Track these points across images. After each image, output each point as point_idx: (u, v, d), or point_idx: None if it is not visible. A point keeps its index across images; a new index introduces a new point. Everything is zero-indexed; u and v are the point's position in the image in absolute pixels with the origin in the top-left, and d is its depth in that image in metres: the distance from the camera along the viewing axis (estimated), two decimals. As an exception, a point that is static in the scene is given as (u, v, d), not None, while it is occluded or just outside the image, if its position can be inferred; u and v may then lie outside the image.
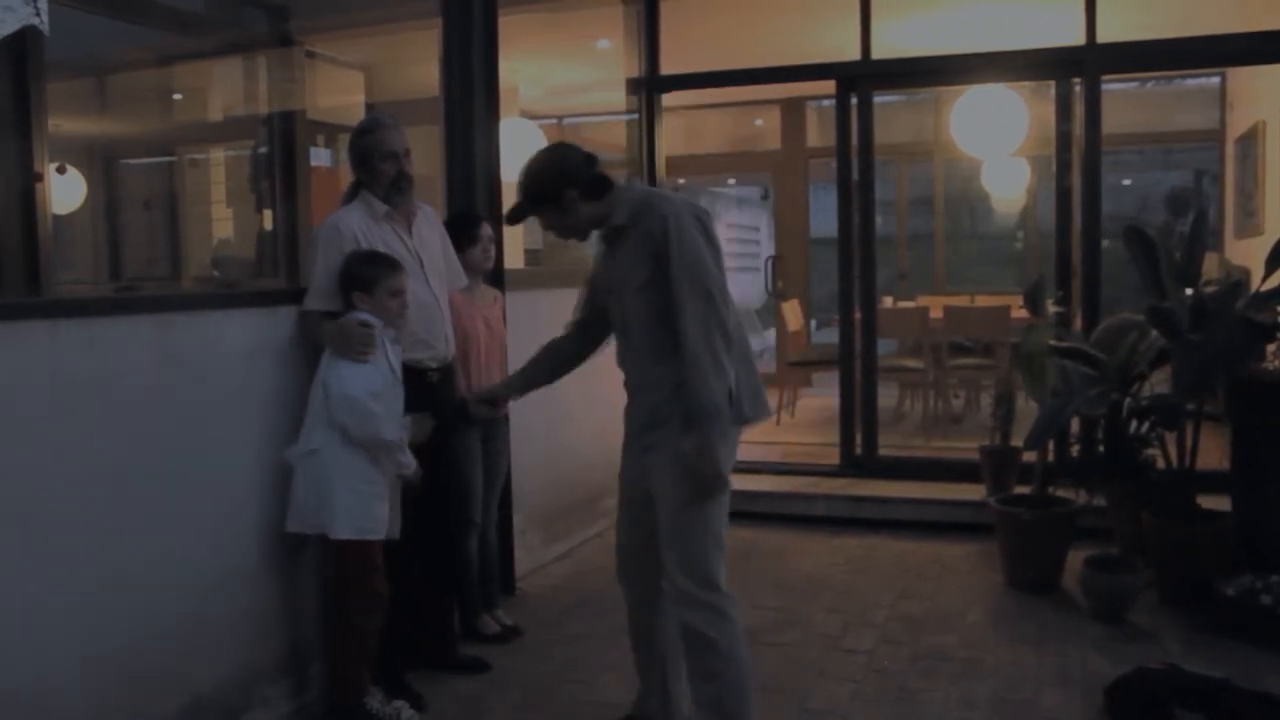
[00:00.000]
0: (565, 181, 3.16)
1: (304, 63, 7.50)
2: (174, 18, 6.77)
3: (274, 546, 3.64)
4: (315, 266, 3.71)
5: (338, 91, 8.17)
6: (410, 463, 3.62)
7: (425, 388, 3.86)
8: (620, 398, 3.40)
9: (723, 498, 3.18)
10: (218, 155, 8.56)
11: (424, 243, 3.94)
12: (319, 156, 8.52)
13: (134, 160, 8.85)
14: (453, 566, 4.23)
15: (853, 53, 6.46)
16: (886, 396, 7.51)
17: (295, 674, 3.75)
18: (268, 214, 7.36)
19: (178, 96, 8.36)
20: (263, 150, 7.45)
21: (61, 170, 6.79)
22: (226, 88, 8.02)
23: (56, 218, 6.01)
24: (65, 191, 7.15)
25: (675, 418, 3.11)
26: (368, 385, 3.46)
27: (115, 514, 3.06)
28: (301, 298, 3.71)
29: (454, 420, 4.11)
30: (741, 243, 18.21)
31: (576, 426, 5.84)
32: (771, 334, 12.24)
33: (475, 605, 4.48)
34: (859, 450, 6.73)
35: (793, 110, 11.15)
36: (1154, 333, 4.80)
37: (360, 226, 3.75)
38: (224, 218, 8.36)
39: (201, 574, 3.37)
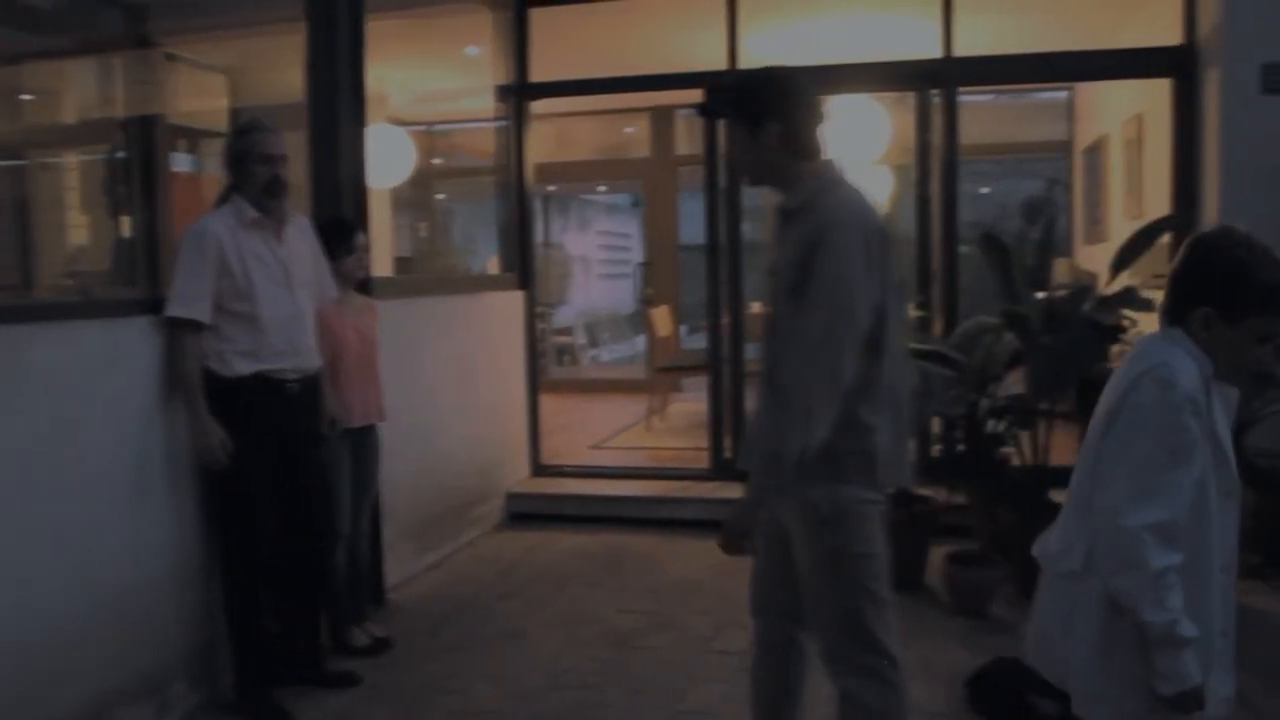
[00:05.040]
0: (775, 109, 2.61)
1: (164, 65, 7.30)
2: (23, 15, 6.53)
3: (146, 552, 3.58)
4: (179, 272, 3.65)
5: (200, 95, 7.96)
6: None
7: (284, 399, 3.82)
8: (492, 404, 3.37)
9: (871, 558, 2.67)
10: (72, 159, 8.26)
11: (293, 252, 3.89)
12: (181, 162, 8.29)
13: (-20, 164, 8.49)
14: (320, 579, 4.16)
15: (719, 62, 6.55)
16: (755, 400, 7.62)
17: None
18: (126, 221, 7.15)
19: (28, 97, 8.05)
20: (120, 155, 7.24)
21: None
22: (81, 89, 7.76)
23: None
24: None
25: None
26: (1168, 505, 2.02)
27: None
28: (161, 307, 3.63)
29: (319, 431, 4.06)
30: (612, 249, 18.32)
31: (448, 434, 5.80)
32: (642, 340, 12.33)
33: (344, 618, 4.41)
34: (729, 454, 6.82)
35: (662, 118, 11.25)
36: (1009, 335, 4.97)
37: (227, 232, 3.70)
38: (80, 224, 8.07)
39: (75, 584, 3.29)
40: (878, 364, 2.56)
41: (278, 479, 3.83)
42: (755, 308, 9.34)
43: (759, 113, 2.62)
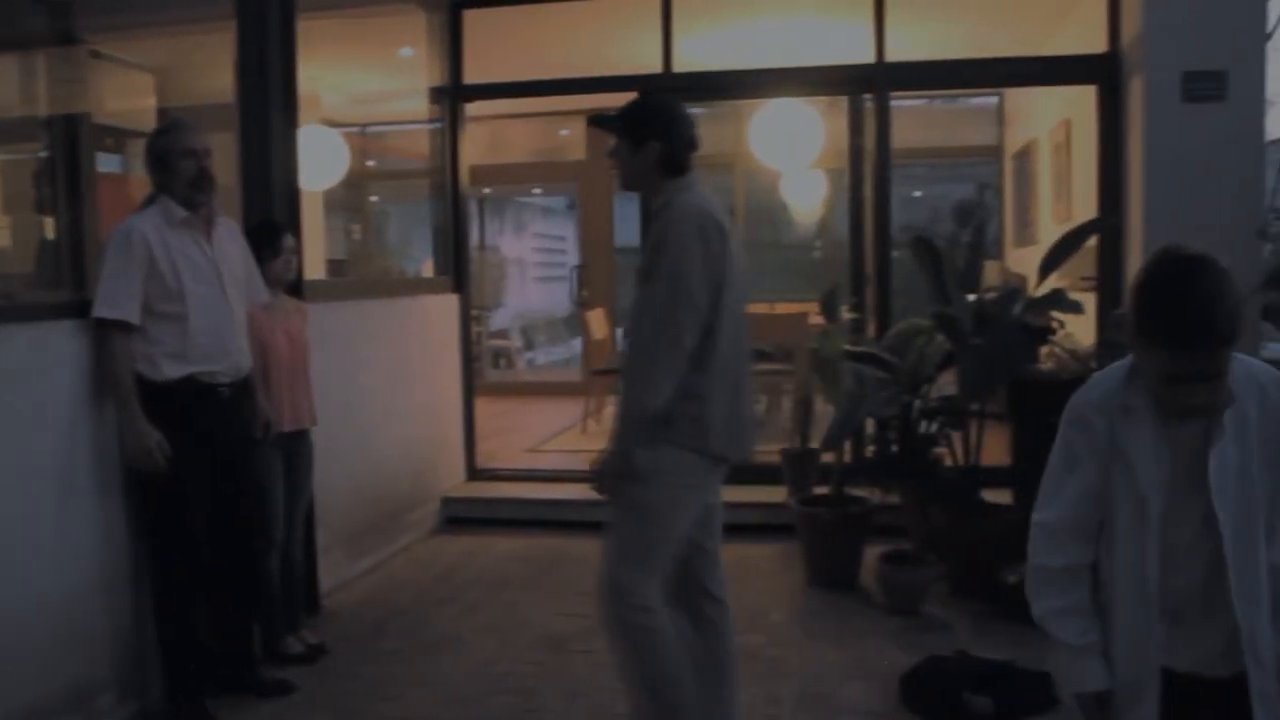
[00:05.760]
0: (655, 131, 3.08)
1: (89, 63, 7.15)
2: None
3: (74, 558, 3.50)
4: (105, 272, 3.58)
5: (128, 94, 7.81)
6: None
7: (217, 403, 3.76)
8: (427, 408, 3.37)
9: (663, 521, 3.10)
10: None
11: (223, 254, 3.84)
12: (109, 163, 8.14)
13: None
14: (254, 586, 4.10)
15: (655, 66, 6.57)
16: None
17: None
18: (51, 222, 6.99)
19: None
20: (44, 154, 7.08)
21: None
22: (1, 86, 7.58)
23: None
24: None
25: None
26: (1051, 509, 2.16)
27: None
28: (88, 309, 3.56)
29: (252, 435, 4.01)
30: (547, 252, 18.28)
31: (381, 439, 5.75)
32: (578, 342, 12.31)
33: (278, 625, 4.35)
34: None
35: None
36: (940, 337, 5.03)
37: (155, 232, 3.64)
38: (0, 226, 7.88)
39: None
40: (712, 341, 2.95)
41: (212, 483, 3.77)
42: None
43: (643, 133, 3.09)
